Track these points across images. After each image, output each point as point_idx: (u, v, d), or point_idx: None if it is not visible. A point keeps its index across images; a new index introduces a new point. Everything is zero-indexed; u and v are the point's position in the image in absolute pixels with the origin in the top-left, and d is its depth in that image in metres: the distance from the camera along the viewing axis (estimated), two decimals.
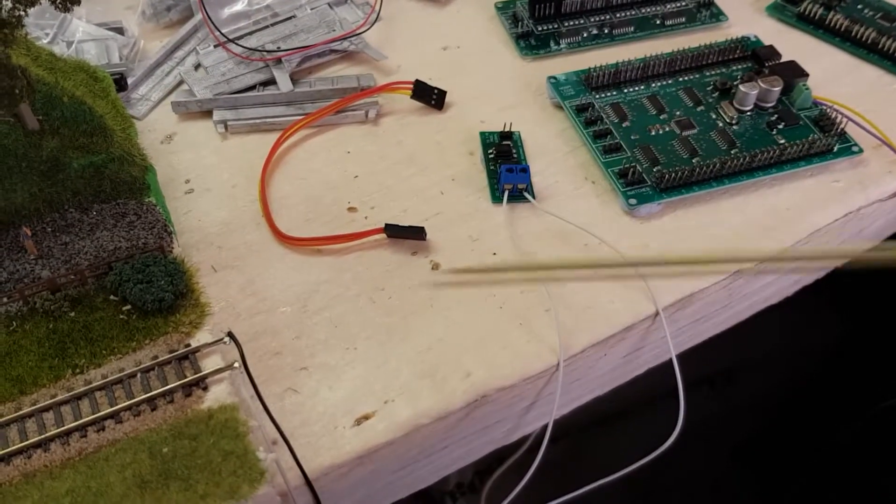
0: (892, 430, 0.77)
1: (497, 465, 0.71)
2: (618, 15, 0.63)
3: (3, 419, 0.38)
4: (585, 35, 0.62)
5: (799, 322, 0.77)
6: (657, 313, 0.46)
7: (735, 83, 0.56)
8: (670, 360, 0.47)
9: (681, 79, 0.57)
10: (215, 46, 0.60)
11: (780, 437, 0.84)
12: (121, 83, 0.57)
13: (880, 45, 0.59)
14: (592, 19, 0.62)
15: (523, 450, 0.61)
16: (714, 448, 0.83)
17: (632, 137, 0.54)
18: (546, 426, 0.45)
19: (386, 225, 0.49)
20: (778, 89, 0.54)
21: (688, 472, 0.81)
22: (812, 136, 0.53)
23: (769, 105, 0.55)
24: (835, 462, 0.81)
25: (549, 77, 0.57)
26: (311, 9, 0.62)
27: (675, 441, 0.45)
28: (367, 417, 0.42)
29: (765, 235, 0.49)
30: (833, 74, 0.58)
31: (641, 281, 0.47)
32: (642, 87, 0.57)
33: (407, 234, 0.50)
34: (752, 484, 0.84)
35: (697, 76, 0.58)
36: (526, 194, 0.51)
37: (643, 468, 0.44)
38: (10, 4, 0.41)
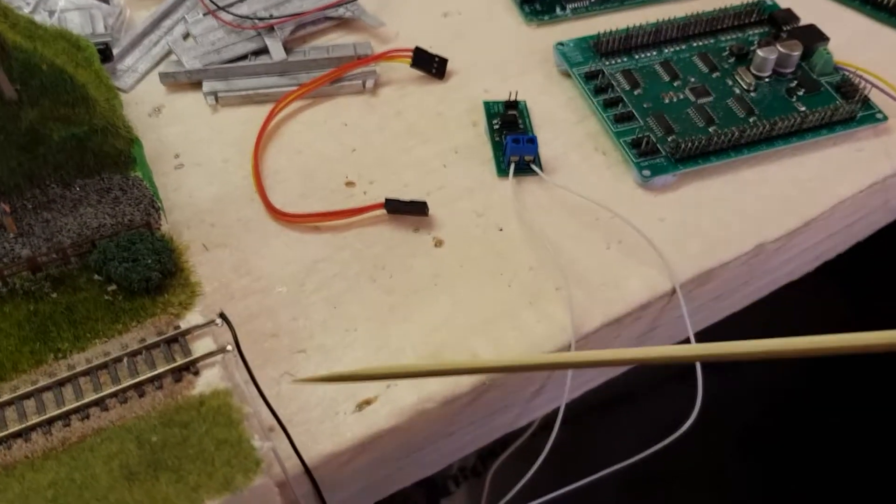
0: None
1: (501, 449, 0.69)
2: None
3: None
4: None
5: (810, 304, 0.75)
6: (674, 290, 0.44)
7: (752, 48, 0.53)
8: (687, 339, 0.45)
9: (695, 44, 0.55)
10: (205, 15, 0.57)
11: (788, 424, 0.83)
12: (106, 54, 0.54)
13: None
14: None
15: (528, 434, 0.59)
16: (721, 436, 0.81)
17: (644, 106, 0.51)
18: (557, 410, 0.43)
19: (386, 200, 0.47)
20: (797, 54, 0.52)
21: (693, 459, 0.79)
22: (834, 104, 0.50)
23: (788, 71, 0.52)
24: (843, 450, 0.80)
25: (557, 43, 0.55)
26: None
27: (670, 421, 0.43)
28: (368, 402, 0.40)
29: (787, 208, 0.47)
30: (853, 39, 0.56)
31: (658, 257, 0.44)
32: (654, 53, 0.54)
33: (408, 210, 0.47)
34: (759, 471, 0.82)
35: (712, 41, 0.55)
36: (533, 166, 0.48)
37: (648, 456, 0.43)
38: None
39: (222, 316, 0.38)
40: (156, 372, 0.36)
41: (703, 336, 0.48)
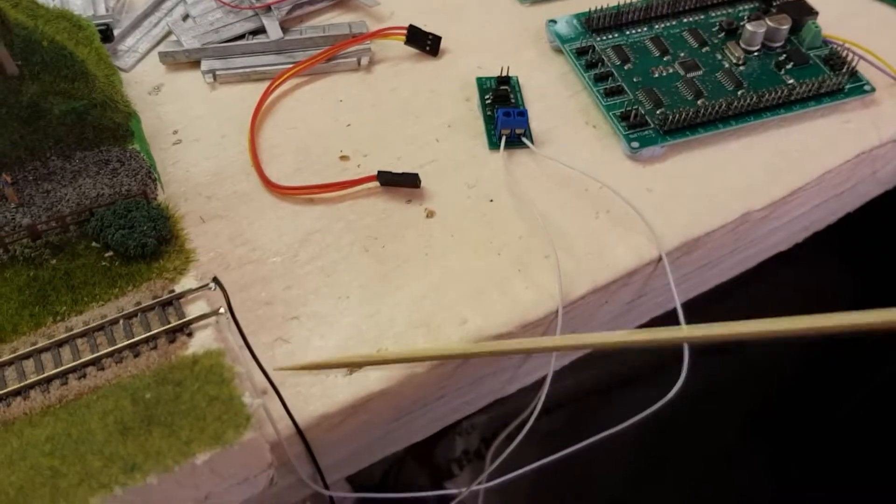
0: None
1: (503, 431, 0.70)
2: None
3: None
4: None
5: (813, 281, 0.75)
6: (660, 258, 0.44)
7: (741, 23, 0.54)
8: (674, 308, 0.45)
9: (685, 20, 0.55)
10: None
11: (792, 403, 0.83)
12: (107, 34, 0.55)
13: None
14: None
15: (525, 415, 0.60)
16: (724, 415, 0.81)
17: (634, 80, 0.52)
18: (545, 377, 0.44)
19: (379, 172, 0.48)
20: (786, 28, 0.52)
21: (698, 439, 0.80)
22: (822, 76, 0.50)
23: (777, 45, 0.53)
24: (846, 429, 0.80)
25: (549, 20, 0.55)
26: None
27: (680, 399, 0.44)
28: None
29: (774, 178, 0.48)
30: (844, 13, 0.56)
31: (645, 225, 0.45)
32: (645, 29, 0.55)
33: (401, 182, 0.48)
34: (763, 451, 0.82)
35: (703, 17, 0.55)
36: (524, 139, 0.49)
37: (653, 435, 0.43)
38: None
39: (216, 280, 0.39)
40: (150, 333, 0.37)
41: (695, 305, 0.48)
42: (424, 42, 0.55)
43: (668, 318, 0.47)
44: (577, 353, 0.48)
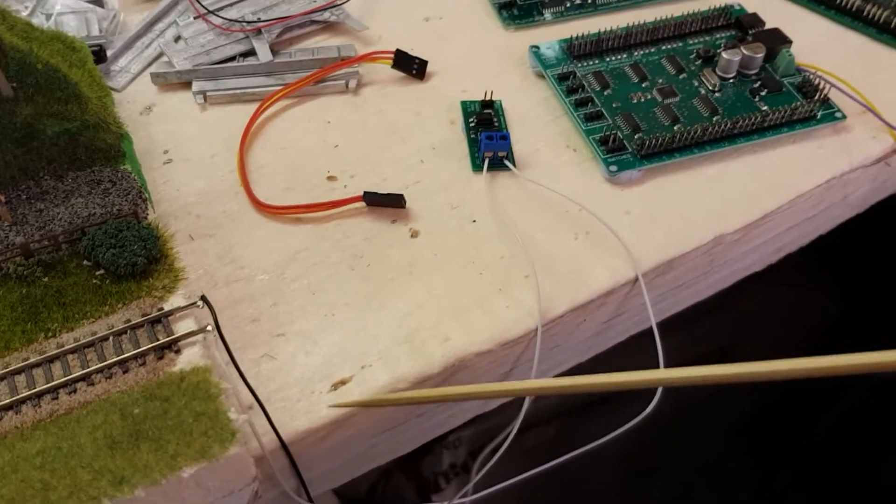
0: (885, 405, 0.77)
1: (488, 445, 0.71)
2: None
3: None
4: (569, 5, 0.61)
5: (786, 301, 0.76)
6: (637, 279, 0.46)
7: (718, 51, 0.55)
8: (650, 327, 0.47)
9: (663, 47, 0.57)
10: (195, 18, 0.59)
11: (776, 417, 0.84)
12: (100, 55, 0.56)
13: (865, 13, 0.59)
14: None
15: (510, 429, 0.61)
16: (709, 428, 0.83)
17: (613, 105, 0.53)
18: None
19: (365, 193, 0.49)
20: (760, 56, 0.54)
21: (682, 451, 0.81)
22: (795, 103, 0.52)
23: (752, 72, 0.54)
24: (829, 442, 0.81)
25: (531, 46, 0.57)
26: None
27: (664, 413, 0.45)
28: (343, 382, 0.42)
29: (747, 202, 0.49)
30: (817, 42, 0.58)
31: (622, 247, 0.47)
32: (625, 56, 0.56)
33: (386, 202, 0.49)
34: (748, 465, 0.84)
35: (680, 44, 0.57)
36: (506, 162, 0.51)
37: (638, 448, 0.44)
38: None
39: (203, 298, 0.40)
40: (139, 350, 0.38)
41: (671, 323, 0.50)
42: (411, 66, 0.57)
43: (645, 335, 0.48)
44: (559, 368, 0.50)
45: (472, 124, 0.53)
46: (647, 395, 0.45)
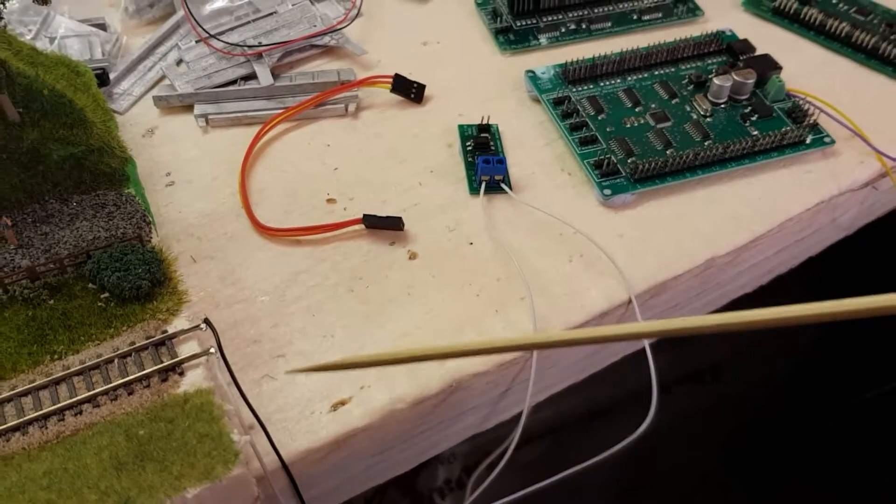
0: (875, 419, 0.78)
1: (483, 461, 0.72)
2: (595, 10, 0.63)
3: None
4: (564, 30, 0.63)
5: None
6: (630, 300, 0.47)
7: (710, 76, 0.57)
8: (643, 348, 0.47)
9: (656, 72, 0.58)
10: (197, 42, 0.60)
11: (768, 430, 0.85)
12: (103, 78, 0.57)
13: (854, 39, 0.60)
14: (570, 15, 0.63)
15: (505, 445, 0.62)
16: (702, 443, 0.83)
17: (607, 129, 0.54)
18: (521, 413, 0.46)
19: (364, 215, 0.50)
20: (751, 81, 0.55)
21: (676, 466, 0.82)
22: (785, 128, 0.53)
23: (743, 97, 0.56)
24: (821, 454, 0.82)
25: (527, 71, 0.58)
26: (293, 4, 0.63)
27: (657, 429, 0.46)
28: (343, 403, 0.43)
29: (738, 225, 0.50)
30: (807, 68, 0.59)
31: (616, 269, 0.48)
32: (618, 81, 0.58)
33: (385, 225, 0.50)
34: (741, 478, 0.84)
35: (673, 70, 0.58)
36: (503, 185, 0.52)
37: (631, 463, 0.44)
38: None
39: (206, 321, 0.41)
40: (144, 372, 0.39)
41: (664, 344, 0.50)
42: (409, 90, 0.58)
43: (639, 355, 0.49)
44: (554, 388, 0.50)
45: (469, 148, 0.54)
46: (641, 411, 0.46)
